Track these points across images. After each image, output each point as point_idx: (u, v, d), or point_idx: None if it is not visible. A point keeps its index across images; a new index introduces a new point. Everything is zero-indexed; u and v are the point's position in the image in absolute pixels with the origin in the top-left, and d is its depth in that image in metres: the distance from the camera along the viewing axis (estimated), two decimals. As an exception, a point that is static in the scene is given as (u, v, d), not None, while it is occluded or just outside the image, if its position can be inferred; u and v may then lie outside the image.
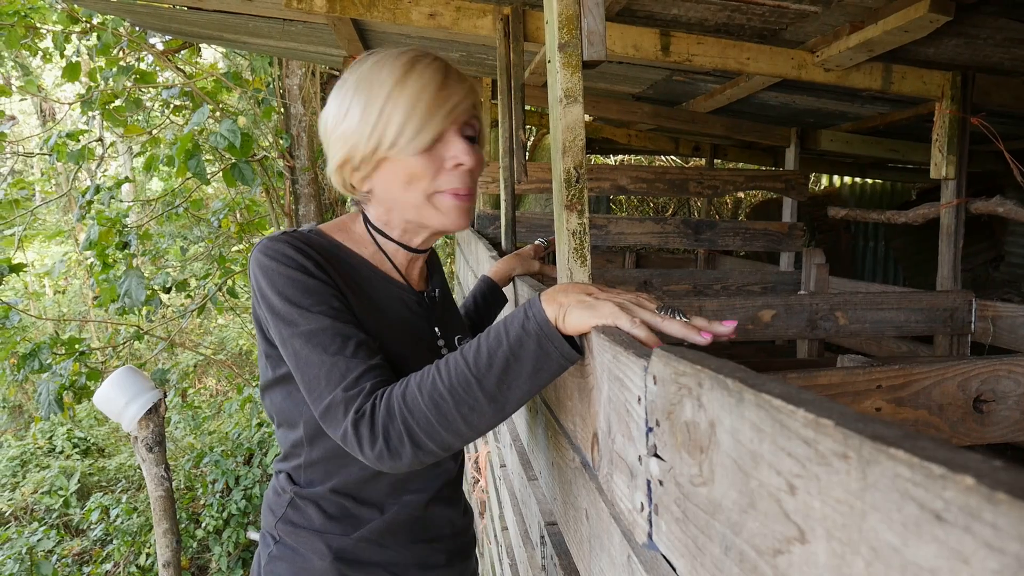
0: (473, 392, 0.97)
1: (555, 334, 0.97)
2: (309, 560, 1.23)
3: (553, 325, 0.97)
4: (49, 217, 13.13)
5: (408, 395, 0.99)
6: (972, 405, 1.48)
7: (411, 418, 0.98)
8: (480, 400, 0.97)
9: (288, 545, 1.26)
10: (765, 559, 0.50)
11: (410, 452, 0.99)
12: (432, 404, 0.97)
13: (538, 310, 0.98)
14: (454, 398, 0.97)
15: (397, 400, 0.99)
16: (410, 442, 0.99)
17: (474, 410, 0.97)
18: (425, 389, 0.98)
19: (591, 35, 1.51)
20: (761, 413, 0.50)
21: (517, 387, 0.97)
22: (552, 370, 0.98)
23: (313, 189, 7.86)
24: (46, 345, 5.78)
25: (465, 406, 0.97)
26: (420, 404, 0.98)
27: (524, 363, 0.97)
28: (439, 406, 0.97)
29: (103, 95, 6.46)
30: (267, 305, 1.11)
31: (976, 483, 0.32)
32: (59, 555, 7.16)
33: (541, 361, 0.97)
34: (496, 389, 0.97)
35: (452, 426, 0.98)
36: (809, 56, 2.89)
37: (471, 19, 2.90)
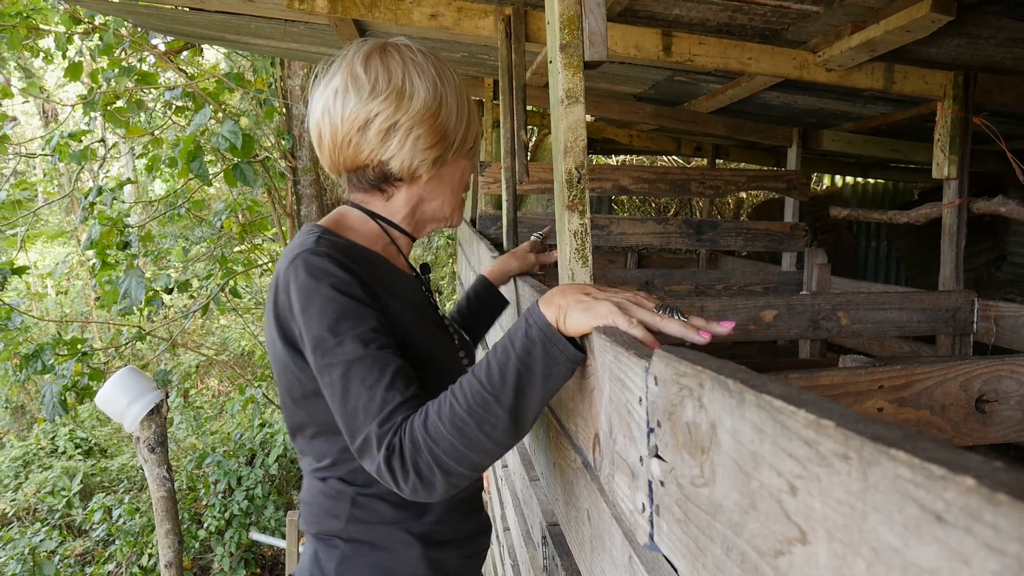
0: (492, 410, 0.97)
1: (558, 337, 0.97)
2: (395, 551, 1.25)
3: (555, 328, 0.98)
4: (51, 218, 13.15)
5: (430, 425, 0.99)
6: (974, 405, 1.48)
7: (436, 447, 0.98)
8: (500, 416, 0.97)
9: (363, 542, 1.25)
10: (766, 560, 0.50)
11: (441, 480, 0.99)
12: (455, 429, 0.97)
13: (538, 316, 0.99)
14: (475, 419, 0.97)
15: (420, 432, 0.99)
16: (440, 471, 0.99)
17: (496, 427, 0.98)
18: (445, 416, 0.98)
19: (592, 36, 1.51)
20: (762, 414, 0.50)
21: (532, 395, 0.98)
22: (561, 373, 0.99)
23: (315, 190, 7.86)
24: (48, 346, 5.78)
25: (488, 424, 0.97)
26: (443, 432, 0.98)
27: (535, 371, 0.97)
28: (462, 430, 0.97)
29: (105, 96, 6.47)
30: (306, 325, 1.09)
31: (977, 484, 0.32)
32: (61, 556, 7.17)
33: (550, 366, 0.98)
34: (514, 402, 0.97)
35: (479, 446, 0.98)
36: (811, 56, 2.89)
37: (473, 20, 2.90)
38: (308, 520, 1.31)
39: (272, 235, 8.97)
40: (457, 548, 1.33)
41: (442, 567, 1.29)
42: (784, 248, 4.59)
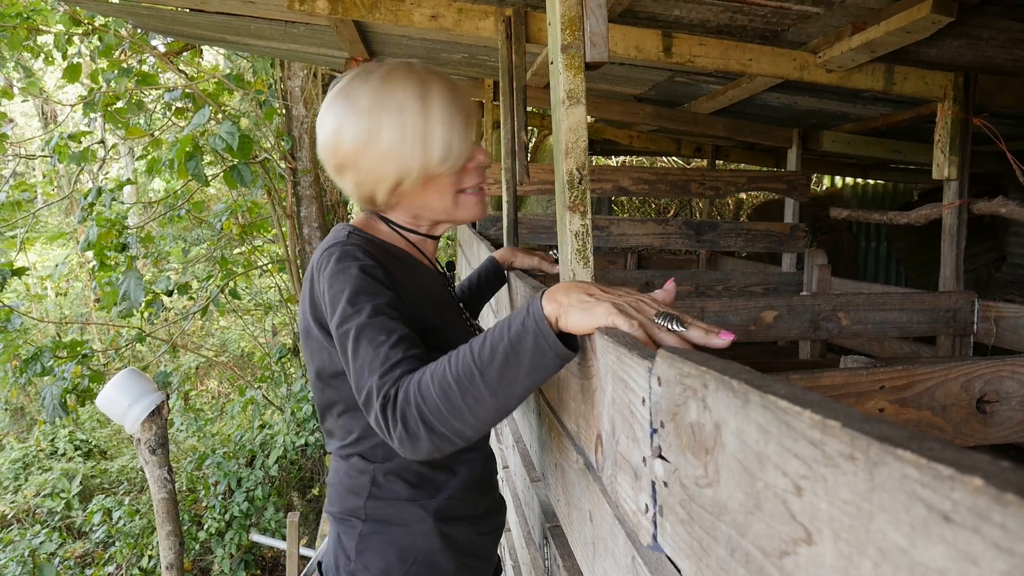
0: (476, 384, 0.99)
1: (549, 332, 0.98)
2: (409, 526, 1.32)
3: (548, 323, 0.99)
4: (51, 219, 13.15)
5: (423, 383, 1.03)
6: (975, 406, 1.48)
7: (424, 404, 1.02)
8: (483, 392, 0.99)
9: (380, 520, 1.33)
10: (771, 560, 0.50)
11: (425, 437, 1.03)
12: (442, 392, 1.01)
13: (537, 308, 1.00)
14: (460, 388, 1.00)
15: (413, 388, 1.03)
16: (424, 428, 1.02)
17: (478, 401, 1.00)
18: (436, 377, 1.02)
19: (594, 36, 1.51)
20: (767, 414, 0.50)
21: (517, 383, 0.99)
22: (548, 368, 0.99)
23: (315, 191, 7.86)
24: (48, 349, 5.78)
25: (470, 396, 1.00)
26: (431, 392, 1.01)
27: (522, 359, 0.99)
28: (448, 395, 1.00)
29: (105, 97, 6.47)
30: (331, 301, 1.19)
31: (985, 484, 0.32)
32: (61, 557, 7.16)
33: (537, 358, 0.99)
34: (497, 383, 0.99)
35: (460, 416, 1.01)
36: (811, 57, 2.89)
37: (473, 21, 2.90)
38: (332, 500, 1.39)
39: (272, 236, 8.97)
40: (472, 525, 1.39)
41: (455, 541, 1.35)
42: (784, 249, 4.59)
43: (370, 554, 1.33)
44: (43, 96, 9.06)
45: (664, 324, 0.93)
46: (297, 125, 7.66)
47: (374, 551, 1.32)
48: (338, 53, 4.56)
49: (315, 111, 7.81)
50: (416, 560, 1.32)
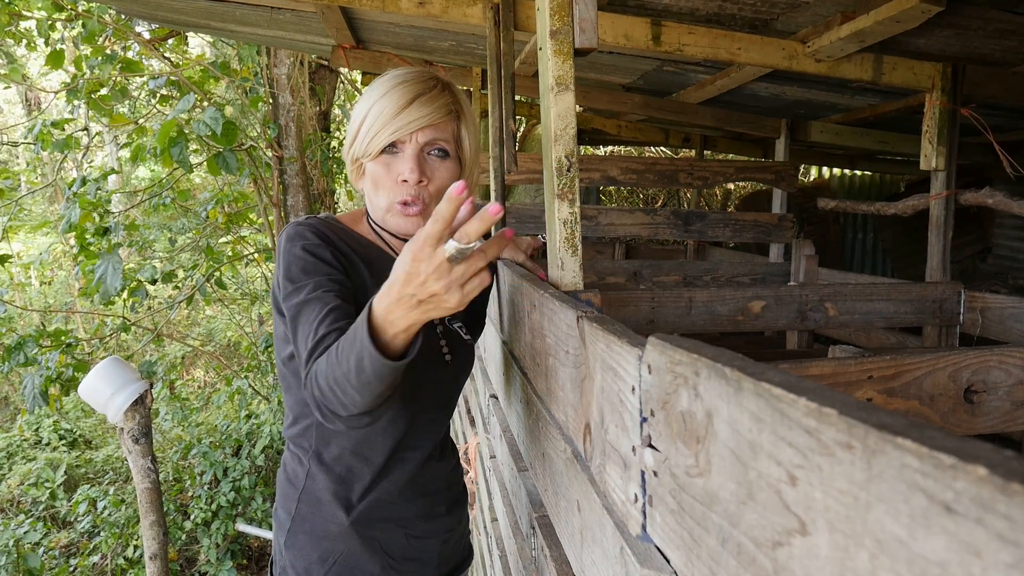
0: (347, 387, 1.04)
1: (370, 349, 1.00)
2: (328, 527, 1.35)
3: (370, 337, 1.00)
4: (35, 207, 13.03)
5: (319, 374, 1.09)
6: (963, 396, 1.49)
7: (320, 395, 1.08)
8: (353, 395, 1.04)
9: (306, 517, 1.37)
10: (764, 551, 0.49)
11: (331, 417, 1.10)
12: (326, 384, 1.07)
13: (361, 322, 1.03)
14: (339, 388, 1.05)
15: (312, 379, 1.10)
16: (327, 409, 1.09)
17: (355, 402, 1.05)
18: (322, 373, 1.08)
19: (583, 22, 1.49)
20: (761, 402, 0.49)
21: (375, 385, 1.02)
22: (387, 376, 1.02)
23: (301, 179, 7.81)
24: (31, 338, 5.72)
25: (347, 396, 1.05)
26: (320, 381, 1.08)
27: (363, 369, 1.01)
28: (333, 390, 1.06)
29: (88, 84, 6.39)
30: (282, 279, 1.25)
31: (989, 473, 0.31)
32: (46, 547, 7.12)
33: (375, 371, 1.01)
34: (359, 388, 1.03)
35: (347, 407, 1.07)
36: (800, 46, 2.88)
37: (461, 7, 2.87)
38: (277, 492, 1.46)
39: (258, 226, 8.91)
40: (400, 527, 1.41)
41: (380, 545, 1.38)
42: (772, 239, 4.59)
43: (295, 552, 1.37)
44: (26, 83, 8.96)
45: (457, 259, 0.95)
46: (283, 113, 7.59)
47: (298, 549, 1.36)
48: (325, 40, 4.52)
49: (301, 99, 7.76)
50: (336, 562, 1.36)
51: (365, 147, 1.34)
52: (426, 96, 1.34)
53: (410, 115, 1.32)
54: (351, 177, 1.44)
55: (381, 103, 1.32)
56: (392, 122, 1.31)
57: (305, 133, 7.90)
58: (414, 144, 1.34)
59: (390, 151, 1.35)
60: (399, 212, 1.36)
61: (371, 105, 1.34)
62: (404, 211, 1.36)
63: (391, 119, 1.31)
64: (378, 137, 1.32)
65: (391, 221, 1.38)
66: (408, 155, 1.34)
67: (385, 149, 1.34)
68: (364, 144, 1.34)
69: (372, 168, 1.36)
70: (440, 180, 1.38)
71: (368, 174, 1.37)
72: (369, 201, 1.41)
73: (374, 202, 1.39)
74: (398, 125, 1.32)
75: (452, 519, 1.53)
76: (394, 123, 1.31)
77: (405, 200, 1.35)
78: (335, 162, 8.50)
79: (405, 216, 1.36)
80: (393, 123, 1.31)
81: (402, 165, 1.34)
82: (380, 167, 1.35)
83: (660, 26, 2.78)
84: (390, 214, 1.37)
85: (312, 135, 8.06)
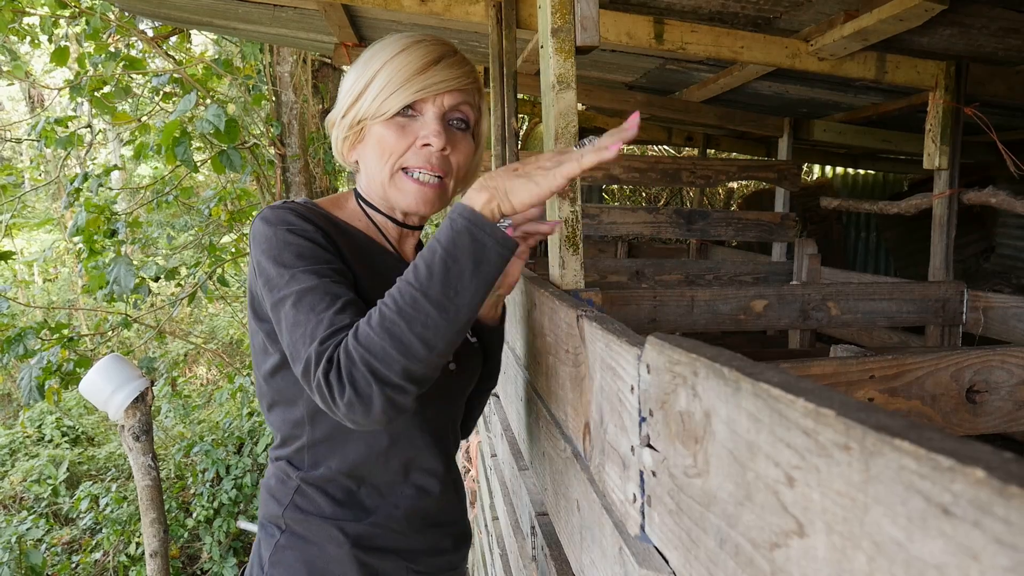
0: (421, 307, 0.93)
1: (484, 222, 0.96)
2: (323, 548, 1.20)
3: (481, 214, 0.97)
4: (38, 204, 13.04)
5: (360, 333, 0.95)
6: (965, 396, 1.48)
7: (368, 354, 0.93)
8: (431, 313, 0.93)
9: (298, 533, 1.22)
10: (761, 552, 0.49)
11: (379, 393, 0.94)
12: (385, 333, 0.93)
13: (462, 207, 0.98)
14: (405, 319, 0.93)
15: (351, 342, 0.95)
16: (376, 381, 0.93)
17: (427, 326, 0.94)
18: (375, 322, 0.95)
19: (584, 20, 1.49)
20: (759, 403, 0.49)
21: (463, 288, 0.95)
22: (492, 260, 0.96)
23: (304, 177, 7.81)
24: (31, 331, 5.72)
25: (418, 324, 0.93)
26: (373, 337, 0.94)
27: (462, 261, 0.95)
28: (392, 332, 0.93)
29: (92, 81, 6.40)
30: (262, 271, 1.08)
31: (987, 476, 0.31)
32: (48, 544, 7.13)
33: (479, 253, 0.95)
34: (443, 296, 0.94)
35: (411, 350, 0.93)
36: (803, 45, 2.87)
37: (463, 5, 2.87)
38: (260, 504, 1.30)
39: (261, 223, 8.90)
40: (402, 560, 1.25)
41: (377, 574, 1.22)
42: (774, 238, 4.58)
43: (280, 568, 1.23)
44: (30, 80, 8.97)
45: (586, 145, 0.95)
46: (286, 111, 7.60)
47: (284, 566, 1.22)
48: (327, 38, 4.51)
49: (304, 97, 7.76)
50: None
51: (378, 106, 1.16)
52: (452, 59, 1.20)
53: (438, 75, 1.16)
54: (339, 148, 1.26)
55: (400, 59, 1.16)
56: (416, 79, 1.15)
57: (308, 131, 7.90)
58: (438, 106, 1.18)
59: (406, 113, 1.18)
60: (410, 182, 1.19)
61: (385, 61, 1.16)
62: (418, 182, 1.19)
63: (415, 75, 1.15)
64: (397, 94, 1.15)
65: (395, 195, 1.21)
66: (432, 117, 1.18)
67: (401, 111, 1.17)
68: (376, 103, 1.16)
69: (380, 131, 1.18)
70: (461, 155, 1.23)
71: (373, 138, 1.19)
72: (366, 173, 1.24)
73: (373, 172, 1.21)
74: (425, 83, 1.16)
75: (457, 556, 1.37)
76: (419, 80, 1.15)
77: (423, 167, 1.18)
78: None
79: (418, 187, 1.19)
80: (417, 80, 1.15)
81: (425, 128, 1.17)
82: (392, 129, 1.17)
83: (663, 24, 2.77)
84: (394, 186, 1.20)
85: (315, 133, 8.06)
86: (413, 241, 1.34)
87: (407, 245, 1.32)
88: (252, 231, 1.12)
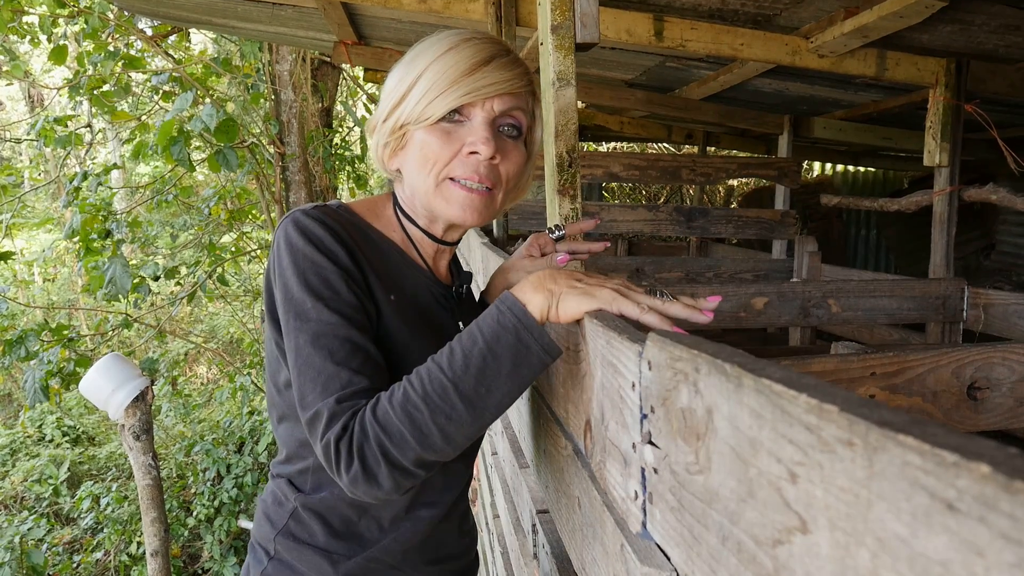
0: (449, 398, 0.88)
1: (534, 325, 0.90)
2: None
3: (532, 315, 0.91)
4: (38, 204, 13.05)
5: (380, 410, 0.90)
6: (966, 392, 1.48)
7: (384, 434, 0.89)
8: (457, 406, 0.88)
9: (285, 562, 1.15)
10: (764, 549, 0.49)
11: (387, 474, 0.90)
12: (406, 416, 0.88)
13: (512, 302, 0.92)
14: (429, 407, 0.88)
15: (369, 418, 0.90)
16: (385, 462, 0.89)
17: (451, 419, 0.89)
18: (397, 402, 0.90)
19: (584, 17, 1.49)
20: (761, 399, 0.48)
21: (496, 388, 0.90)
22: (533, 365, 0.91)
23: (303, 176, 7.81)
24: (33, 332, 5.73)
25: (442, 415, 0.88)
26: (393, 419, 0.89)
27: (502, 360, 0.89)
28: (413, 418, 0.88)
29: (91, 80, 6.40)
30: (283, 286, 1.01)
31: (992, 471, 0.30)
32: (50, 544, 7.14)
33: (520, 356, 0.90)
34: (474, 392, 0.89)
35: (428, 440, 0.89)
36: (803, 42, 2.87)
37: (462, 3, 2.87)
38: (254, 522, 1.24)
39: (260, 222, 8.92)
40: None
41: None
42: (774, 236, 4.58)
43: None
44: (29, 79, 8.97)
45: (657, 296, 0.90)
46: (285, 110, 7.60)
47: None
48: (327, 36, 4.51)
49: (303, 95, 7.75)
50: None
51: (421, 110, 1.07)
52: (505, 60, 1.10)
53: (488, 76, 1.07)
54: (380, 156, 1.17)
55: (446, 59, 1.06)
56: (464, 81, 1.06)
57: (307, 130, 7.90)
58: (487, 111, 1.08)
59: (451, 119, 1.08)
60: (456, 191, 1.10)
61: (431, 62, 1.07)
62: (466, 191, 1.09)
63: (462, 77, 1.06)
64: (444, 97, 1.05)
65: (439, 206, 1.11)
66: (480, 122, 1.08)
67: (446, 116, 1.07)
68: (419, 107, 1.07)
69: (423, 137, 1.08)
70: (512, 164, 1.13)
71: (416, 145, 1.10)
72: (408, 182, 1.14)
73: (415, 181, 1.12)
74: (474, 86, 1.06)
75: None
76: (467, 83, 1.06)
77: (471, 178, 1.08)
78: (337, 159, 8.50)
79: (467, 196, 1.09)
80: (466, 83, 1.06)
81: (473, 134, 1.07)
82: (437, 136, 1.07)
83: (663, 22, 2.77)
84: (439, 196, 1.11)
85: (314, 131, 8.06)
86: (447, 258, 1.26)
87: (441, 262, 1.25)
88: (280, 235, 1.04)
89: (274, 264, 1.04)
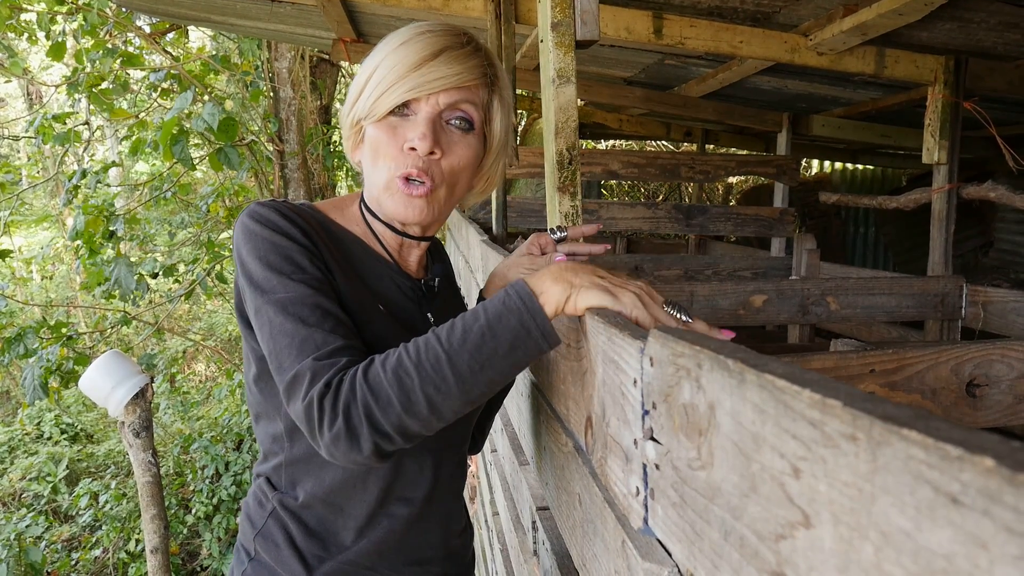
0: (442, 369, 0.88)
1: (538, 311, 0.90)
2: None
3: (539, 302, 0.90)
4: (36, 201, 13.03)
5: (371, 372, 0.90)
6: (965, 389, 1.48)
7: (371, 396, 0.89)
8: (448, 378, 0.88)
9: (264, 563, 1.15)
10: (767, 544, 0.49)
11: (367, 435, 0.89)
12: (396, 380, 0.88)
13: (521, 287, 0.91)
14: (420, 375, 0.88)
15: (359, 377, 0.90)
16: (368, 423, 0.89)
17: (439, 390, 0.88)
18: (390, 366, 0.89)
19: (584, 14, 1.49)
20: (764, 394, 0.48)
21: (490, 366, 0.89)
22: (529, 350, 0.90)
23: (302, 173, 7.80)
24: (31, 330, 5.73)
25: (431, 385, 0.88)
26: (383, 381, 0.89)
27: (500, 340, 0.89)
28: (402, 383, 0.88)
29: (89, 77, 6.39)
30: (245, 273, 1.02)
31: (996, 464, 0.30)
32: (48, 541, 7.14)
33: (519, 339, 0.89)
34: (467, 367, 0.88)
35: (414, 407, 0.89)
36: (802, 40, 2.87)
37: (461, 0, 2.87)
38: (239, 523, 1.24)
39: (259, 219, 8.89)
40: None
41: None
42: (773, 233, 4.59)
43: None
44: (27, 76, 8.95)
45: (675, 314, 0.90)
46: (284, 107, 7.59)
47: None
48: (326, 34, 4.51)
49: (302, 93, 7.75)
50: None
51: (370, 106, 1.08)
52: (456, 52, 1.08)
53: (434, 71, 1.06)
54: (347, 148, 1.19)
55: (398, 53, 1.06)
56: (410, 76, 1.05)
57: (306, 127, 7.89)
58: (431, 106, 1.08)
59: (400, 113, 1.08)
60: (399, 189, 1.09)
61: (384, 56, 1.08)
62: (406, 188, 1.08)
63: (408, 72, 1.05)
64: (389, 93, 1.06)
65: (387, 202, 1.11)
66: (421, 118, 1.07)
67: (394, 110, 1.08)
68: (369, 102, 1.08)
69: (373, 133, 1.09)
70: (457, 157, 1.11)
71: (368, 140, 1.11)
72: (367, 178, 1.15)
73: (371, 178, 1.12)
74: (417, 82, 1.06)
75: None
76: (412, 78, 1.05)
77: (408, 174, 1.08)
78: (336, 156, 8.49)
79: (406, 195, 1.09)
80: (411, 78, 1.05)
81: (412, 130, 1.07)
82: (384, 131, 1.08)
83: (662, 19, 2.77)
84: (387, 192, 1.10)
85: (313, 129, 8.06)
86: (419, 253, 1.24)
87: (410, 256, 1.23)
88: (237, 228, 1.05)
89: (236, 259, 1.05)
